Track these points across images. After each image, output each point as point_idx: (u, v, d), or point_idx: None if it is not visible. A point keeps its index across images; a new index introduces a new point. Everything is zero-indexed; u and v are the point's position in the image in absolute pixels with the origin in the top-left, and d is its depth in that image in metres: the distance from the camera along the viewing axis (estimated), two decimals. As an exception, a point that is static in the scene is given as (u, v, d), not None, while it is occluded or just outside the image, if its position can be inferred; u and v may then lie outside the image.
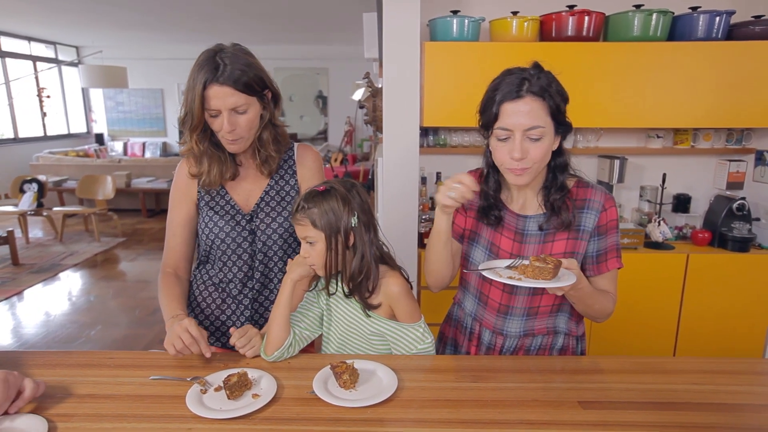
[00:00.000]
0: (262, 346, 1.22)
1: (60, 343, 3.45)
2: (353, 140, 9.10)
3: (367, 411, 1.02)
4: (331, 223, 1.18)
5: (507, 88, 1.13)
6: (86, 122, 9.41)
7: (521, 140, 1.12)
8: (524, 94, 1.11)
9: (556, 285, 1.07)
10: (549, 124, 1.13)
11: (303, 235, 1.22)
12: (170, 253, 1.42)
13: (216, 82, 1.20)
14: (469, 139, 2.78)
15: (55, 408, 1.02)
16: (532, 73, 1.14)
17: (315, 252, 1.21)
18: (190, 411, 1.00)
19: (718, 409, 1.04)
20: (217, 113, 1.23)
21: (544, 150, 1.15)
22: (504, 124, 1.13)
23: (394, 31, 2.27)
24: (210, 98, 1.21)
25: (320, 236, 1.20)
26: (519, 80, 1.12)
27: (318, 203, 1.19)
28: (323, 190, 1.21)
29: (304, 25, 6.68)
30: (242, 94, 1.23)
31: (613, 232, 1.25)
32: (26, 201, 5.65)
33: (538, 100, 1.12)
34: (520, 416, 1.01)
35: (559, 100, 1.14)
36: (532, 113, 1.11)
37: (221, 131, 1.26)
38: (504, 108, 1.13)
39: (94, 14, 6.05)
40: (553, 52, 2.38)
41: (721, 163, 2.77)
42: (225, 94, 1.21)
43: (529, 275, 1.10)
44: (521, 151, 1.12)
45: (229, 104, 1.22)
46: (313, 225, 1.19)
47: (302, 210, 1.20)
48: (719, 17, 2.37)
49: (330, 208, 1.19)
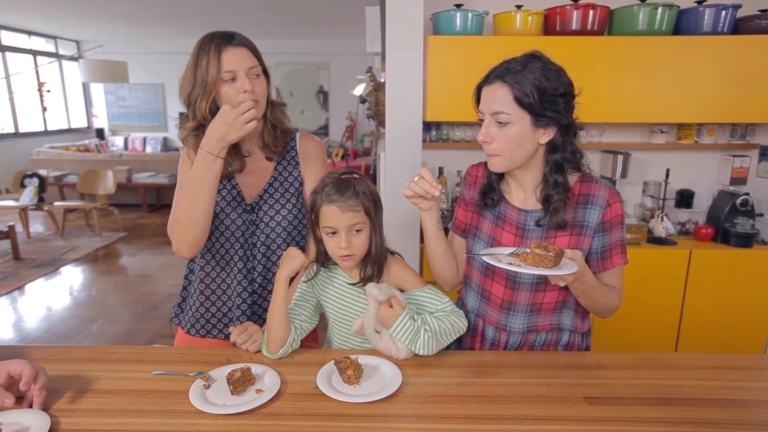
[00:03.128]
0: (264, 344, 1.21)
1: (61, 337, 3.45)
2: (354, 135, 9.08)
3: (371, 406, 1.01)
4: (377, 207, 1.21)
5: (488, 73, 1.18)
6: (87, 117, 9.39)
7: (489, 123, 1.17)
8: (493, 79, 1.16)
9: (556, 273, 1.06)
10: (516, 112, 1.13)
11: (353, 221, 1.17)
12: None
13: (231, 45, 1.22)
14: (472, 133, 2.76)
15: (57, 403, 1.01)
16: (517, 59, 1.16)
17: (360, 241, 1.19)
18: (193, 406, 0.99)
19: (722, 405, 1.03)
20: (233, 75, 1.22)
21: (511, 137, 1.15)
22: (480, 107, 1.19)
23: (397, 24, 2.26)
24: (226, 61, 1.20)
25: (368, 223, 1.20)
26: (501, 66, 1.16)
27: (364, 189, 1.19)
28: (358, 178, 1.21)
29: (305, 19, 6.65)
30: (255, 58, 1.25)
31: (618, 228, 1.23)
32: (27, 196, 5.64)
33: (505, 87, 1.14)
34: (525, 412, 1.00)
35: (531, 90, 1.11)
36: (498, 99, 1.14)
37: (239, 94, 1.21)
38: (482, 92, 1.19)
39: (95, 8, 6.03)
40: (557, 46, 2.35)
41: (724, 159, 2.75)
42: (242, 55, 1.22)
43: (529, 263, 1.09)
44: (486, 134, 1.17)
45: (246, 65, 1.22)
46: (365, 211, 1.19)
47: (354, 195, 1.17)
48: (725, 11, 2.35)
49: (373, 193, 1.21)
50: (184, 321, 1.45)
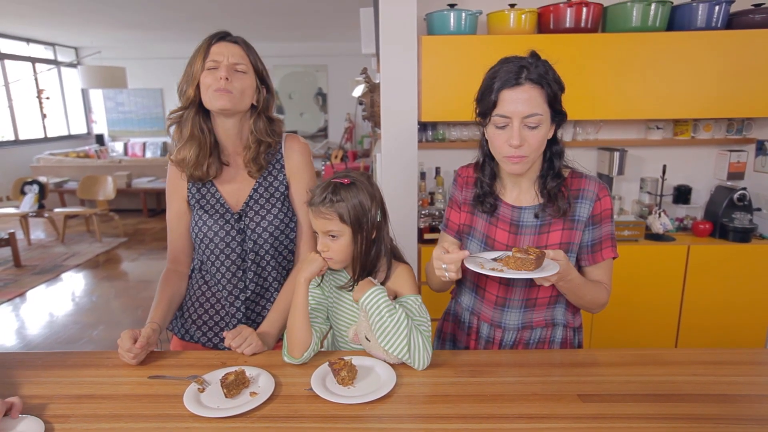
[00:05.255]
0: (285, 350, 1.19)
1: (63, 343, 3.45)
2: (353, 137, 9.08)
3: (366, 407, 1.01)
4: (360, 217, 1.16)
5: (505, 75, 1.13)
6: (86, 123, 9.40)
7: (519, 127, 1.13)
8: (523, 81, 1.12)
9: (539, 275, 1.07)
10: (546, 112, 1.14)
11: (326, 228, 1.17)
12: (170, 247, 1.44)
13: (225, 40, 1.26)
14: (467, 133, 2.76)
15: (51, 409, 1.02)
16: (530, 61, 1.14)
17: (337, 246, 1.18)
18: (187, 410, 1.00)
19: (718, 400, 1.03)
20: (216, 66, 1.24)
21: (540, 138, 1.15)
22: (502, 111, 1.13)
23: (391, 25, 2.26)
24: (214, 53, 1.24)
25: (346, 230, 1.17)
26: (517, 68, 1.12)
27: (346, 197, 1.15)
28: (349, 183, 1.18)
29: (302, 22, 6.66)
30: (246, 56, 1.27)
31: (608, 221, 1.25)
32: (27, 202, 5.66)
33: (537, 88, 1.12)
34: (520, 410, 1.00)
35: (556, 88, 1.14)
36: (531, 100, 1.11)
37: (214, 83, 1.23)
38: (503, 95, 1.13)
39: (93, 15, 6.04)
40: (552, 44, 2.36)
41: (721, 154, 2.75)
42: (230, 49, 1.25)
43: (511, 266, 1.10)
44: (519, 138, 1.12)
45: (232, 59, 1.25)
46: (340, 219, 1.15)
47: (329, 203, 1.15)
48: (719, 6, 2.35)
49: (359, 203, 1.16)
50: (177, 328, 1.46)
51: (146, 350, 1.20)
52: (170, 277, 1.40)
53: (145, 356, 1.21)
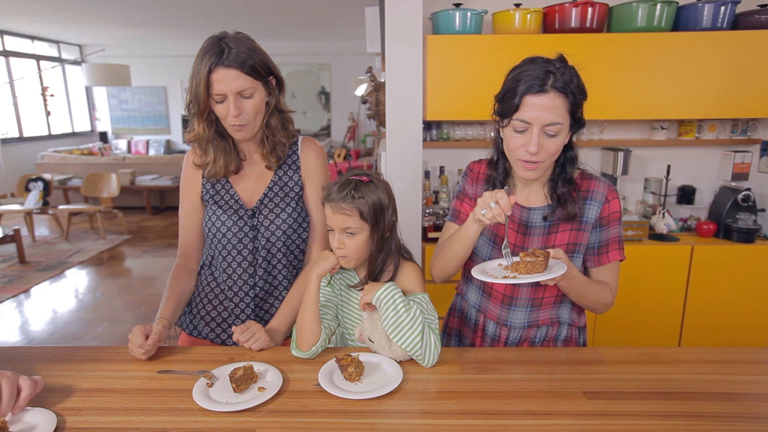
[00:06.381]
0: (294, 344, 1.21)
1: (67, 340, 3.47)
2: (356, 136, 9.09)
3: (373, 403, 1.02)
4: (378, 215, 1.17)
5: (531, 80, 1.10)
6: (90, 120, 9.44)
7: (539, 134, 1.11)
8: (549, 89, 1.09)
9: (549, 276, 1.08)
10: (567, 121, 1.12)
11: (345, 225, 1.18)
12: (181, 242, 1.44)
13: (221, 65, 1.20)
14: (472, 132, 2.77)
15: (63, 402, 1.03)
16: (558, 66, 1.11)
17: (353, 243, 1.19)
18: (196, 404, 1.01)
19: (722, 399, 1.04)
20: (223, 98, 1.23)
21: (558, 145, 1.14)
22: (524, 116, 1.11)
23: (397, 24, 2.27)
24: (215, 82, 1.20)
25: (364, 227, 1.18)
26: (544, 73, 1.09)
27: (366, 194, 1.16)
28: (368, 181, 1.18)
29: (305, 21, 6.67)
30: (248, 77, 1.22)
31: (616, 224, 1.25)
32: (32, 199, 5.69)
33: (561, 96, 1.10)
34: (525, 407, 1.01)
35: (580, 96, 1.12)
36: (554, 109, 1.09)
37: (227, 117, 1.24)
38: (526, 100, 1.11)
39: (97, 12, 6.06)
40: (557, 44, 2.35)
41: (726, 154, 2.75)
42: (231, 77, 1.20)
43: (522, 271, 1.11)
44: (537, 145, 1.11)
45: (235, 87, 1.21)
46: (360, 216, 1.16)
47: (350, 199, 1.16)
48: (724, 6, 2.35)
49: (378, 200, 1.18)
50: (185, 324, 1.47)
51: (156, 346, 1.22)
52: (180, 273, 1.41)
53: (155, 351, 1.23)
